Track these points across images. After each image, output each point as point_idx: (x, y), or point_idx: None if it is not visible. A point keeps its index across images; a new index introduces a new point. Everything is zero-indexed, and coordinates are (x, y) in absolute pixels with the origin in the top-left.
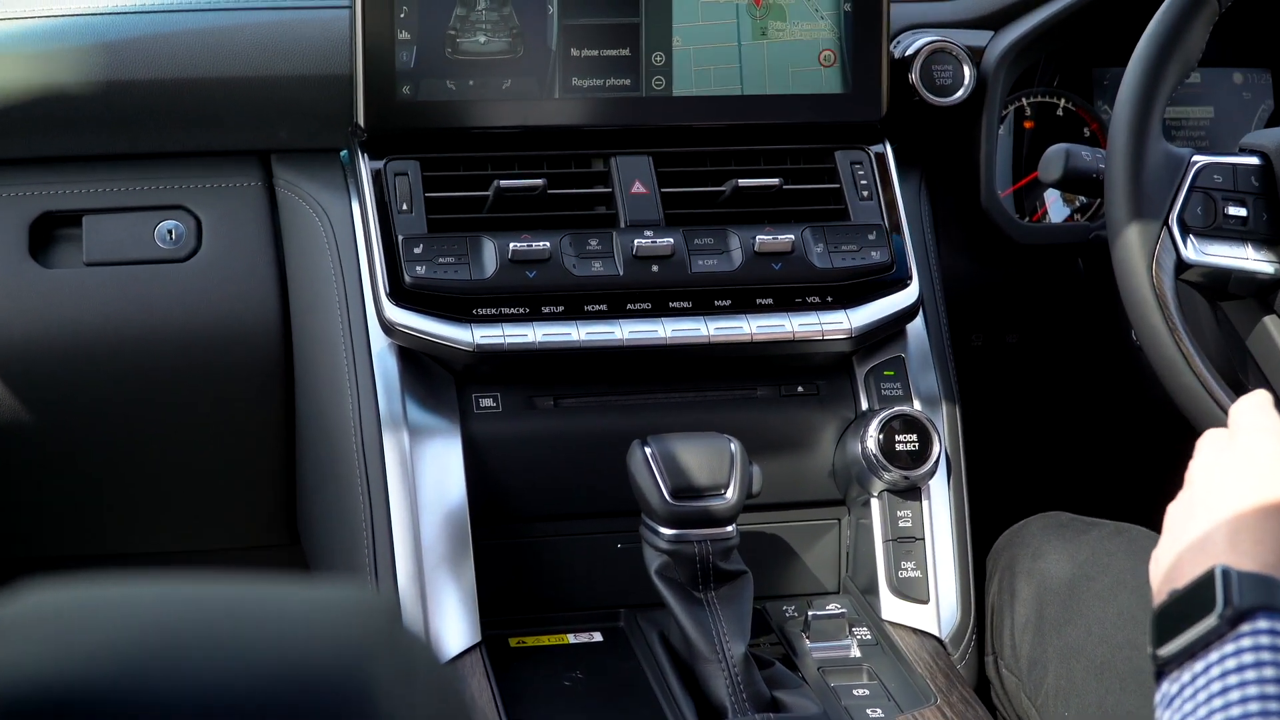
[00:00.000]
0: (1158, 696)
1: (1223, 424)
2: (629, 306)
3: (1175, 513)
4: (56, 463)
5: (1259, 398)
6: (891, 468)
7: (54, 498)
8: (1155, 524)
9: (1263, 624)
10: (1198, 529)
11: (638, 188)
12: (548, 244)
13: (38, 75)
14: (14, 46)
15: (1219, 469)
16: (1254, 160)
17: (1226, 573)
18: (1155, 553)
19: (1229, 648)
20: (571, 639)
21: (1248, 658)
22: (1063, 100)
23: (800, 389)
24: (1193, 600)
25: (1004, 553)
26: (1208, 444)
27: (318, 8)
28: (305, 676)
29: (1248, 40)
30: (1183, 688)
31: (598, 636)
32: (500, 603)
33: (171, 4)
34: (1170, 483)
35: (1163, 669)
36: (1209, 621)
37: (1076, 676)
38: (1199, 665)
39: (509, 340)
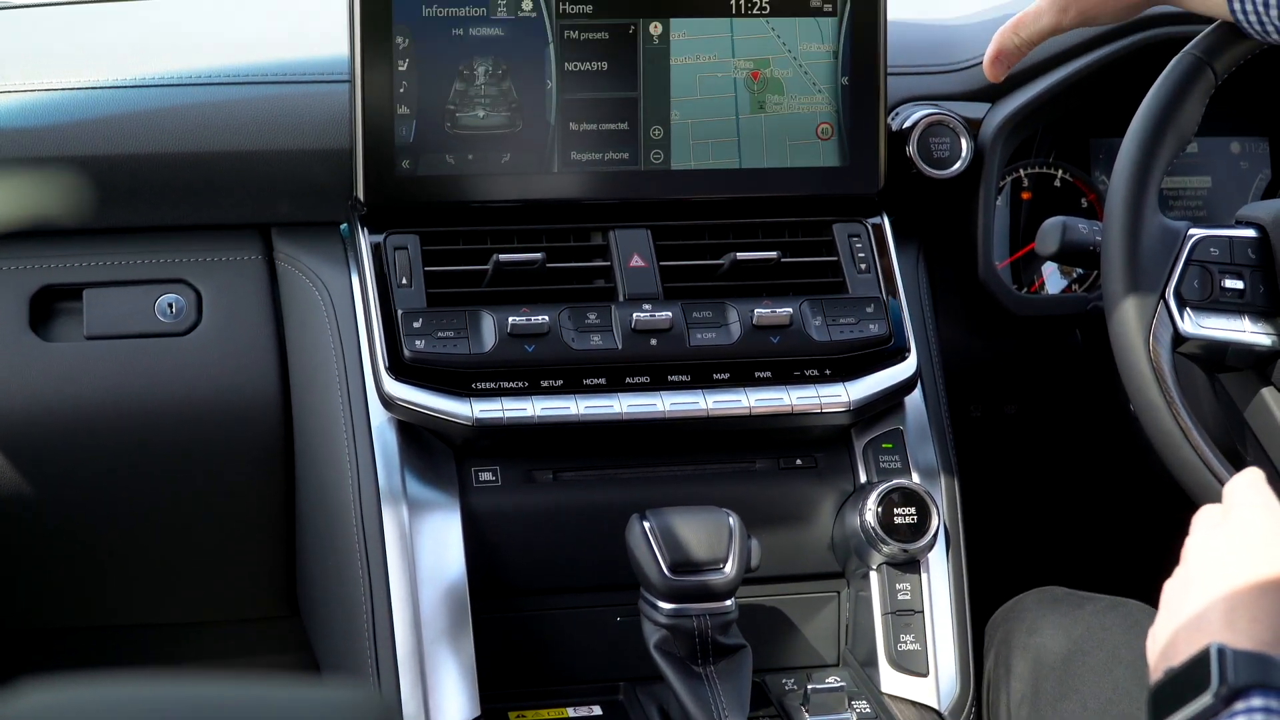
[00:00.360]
0: None
1: (1220, 498)
2: (628, 380)
3: (1171, 590)
4: (57, 535)
5: (1253, 475)
6: (890, 541)
7: (54, 570)
8: (1153, 598)
9: (1257, 701)
10: (1194, 606)
11: (636, 261)
12: (547, 318)
13: (37, 149)
14: (14, 120)
15: (1215, 546)
16: (1250, 233)
17: (1222, 651)
18: (1152, 630)
19: None
20: (571, 712)
21: None
22: (1060, 171)
23: (799, 462)
24: (1189, 678)
25: (999, 627)
26: (1203, 521)
27: (318, 82)
28: None
29: (1245, 109)
30: None
31: (597, 710)
32: (500, 676)
33: (171, 78)
34: (1168, 556)
35: None
36: (1204, 700)
37: None
38: None
39: (508, 414)
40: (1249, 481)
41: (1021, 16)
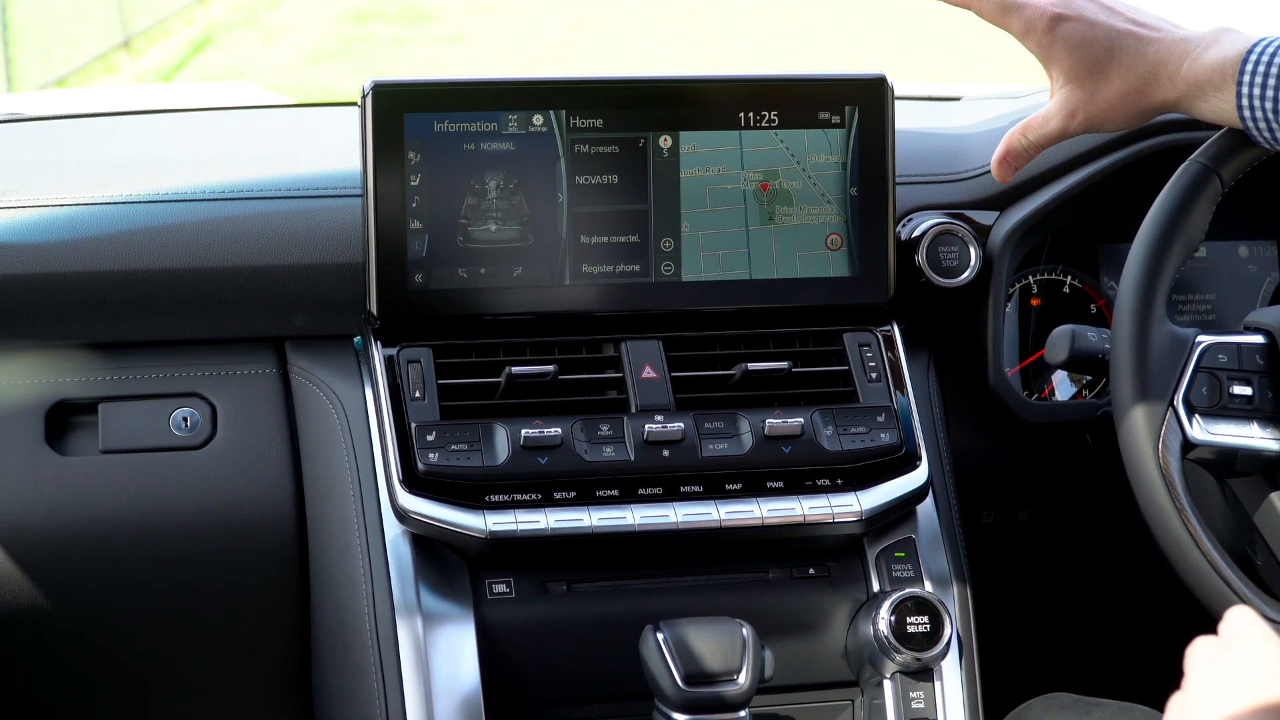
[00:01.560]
0: None
1: (1231, 603)
2: (640, 491)
3: (1175, 708)
4: (71, 647)
5: (1248, 610)
6: (904, 649)
7: (69, 682)
8: (1161, 704)
9: None
10: None
11: (648, 372)
12: (559, 430)
13: (52, 264)
14: (26, 235)
15: (1218, 676)
16: (1258, 339)
17: None
18: None
19: None
20: None
21: None
22: (1069, 278)
23: (812, 571)
24: None
25: None
26: (1200, 654)
27: (331, 196)
28: None
29: (1252, 212)
30: None
31: None
32: None
33: (185, 194)
34: (1177, 662)
35: None
36: None
37: None
38: None
39: (521, 527)
40: (1246, 615)
41: (1030, 120)
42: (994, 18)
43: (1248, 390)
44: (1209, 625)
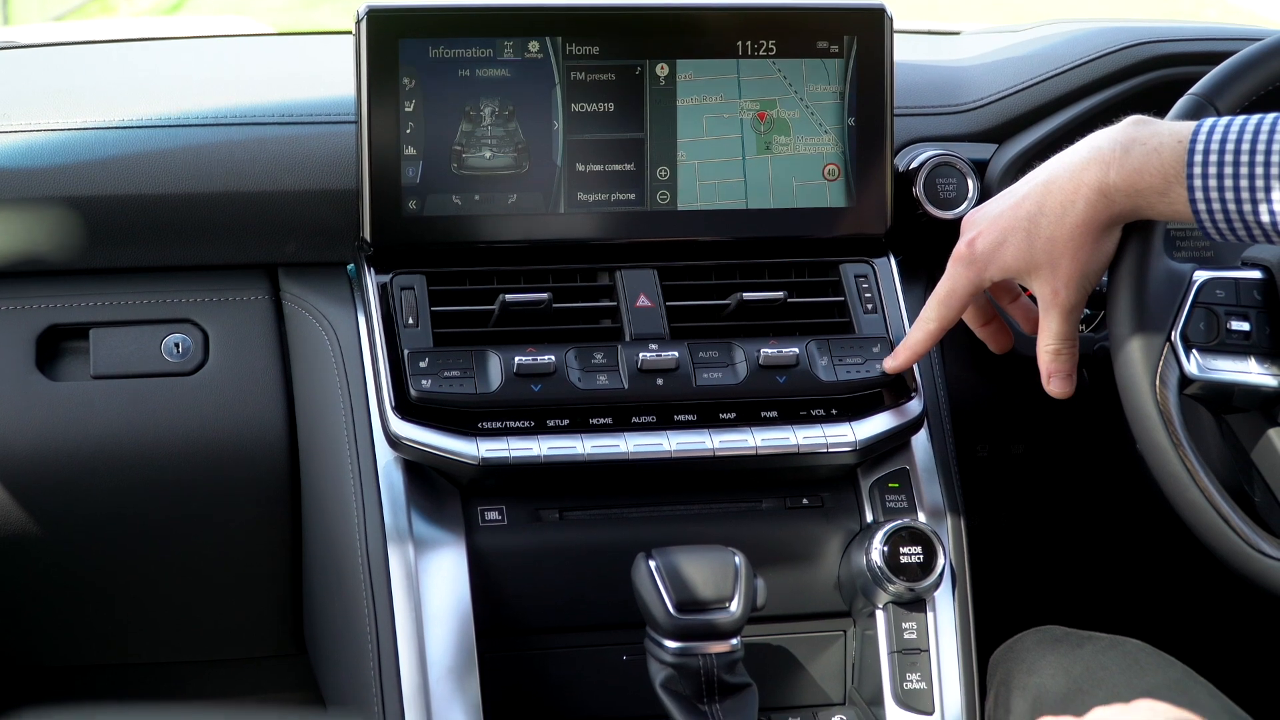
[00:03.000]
0: None
1: (1229, 540)
2: (634, 420)
3: None
4: (62, 574)
5: None
6: (896, 580)
7: (61, 608)
8: (1154, 637)
9: None
10: None
11: (643, 301)
12: (553, 358)
13: (46, 189)
14: (19, 160)
15: None
16: (1256, 274)
17: None
18: None
19: None
20: None
21: None
22: None
23: (805, 501)
24: None
25: (999, 667)
26: None
27: (325, 123)
28: None
29: None
30: None
31: None
32: (506, 715)
33: (178, 119)
34: (1170, 596)
35: None
36: None
37: None
38: None
39: (514, 454)
40: None
41: (1039, 338)
42: (948, 310)
43: (1245, 326)
44: (1202, 561)
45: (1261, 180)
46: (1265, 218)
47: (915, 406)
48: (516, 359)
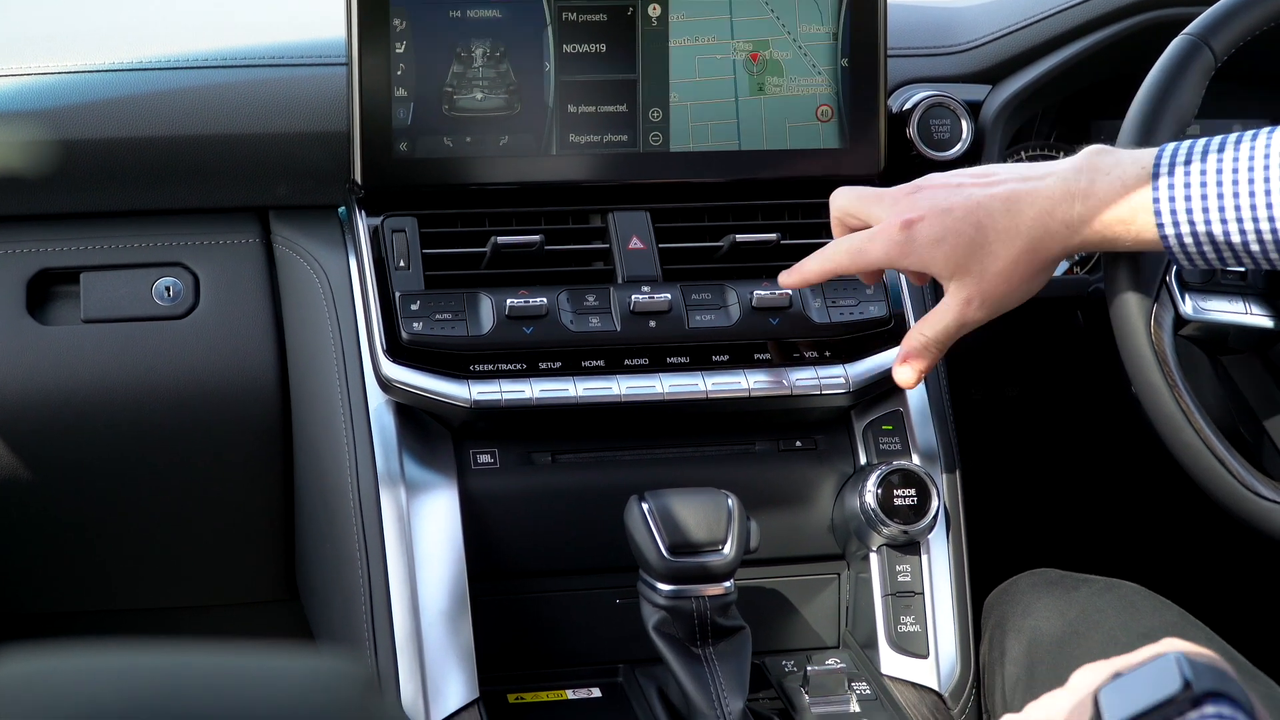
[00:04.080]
0: None
1: (1224, 481)
2: (626, 362)
3: None
4: (53, 519)
5: None
6: (890, 522)
7: (52, 554)
8: (1148, 580)
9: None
10: None
11: (635, 243)
12: (545, 300)
13: (35, 132)
14: (9, 104)
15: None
16: None
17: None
18: None
19: None
20: (570, 695)
21: None
22: (1061, 153)
23: (798, 444)
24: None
25: (994, 610)
26: None
27: (315, 65)
28: None
29: (1247, 92)
30: None
31: (596, 692)
32: (498, 658)
33: (168, 61)
34: (1165, 538)
35: None
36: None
37: None
38: None
39: (506, 396)
40: None
41: (927, 316)
42: (857, 265)
43: (1240, 266)
44: (1198, 504)
45: (1230, 200)
46: (1236, 239)
47: None
48: (508, 301)
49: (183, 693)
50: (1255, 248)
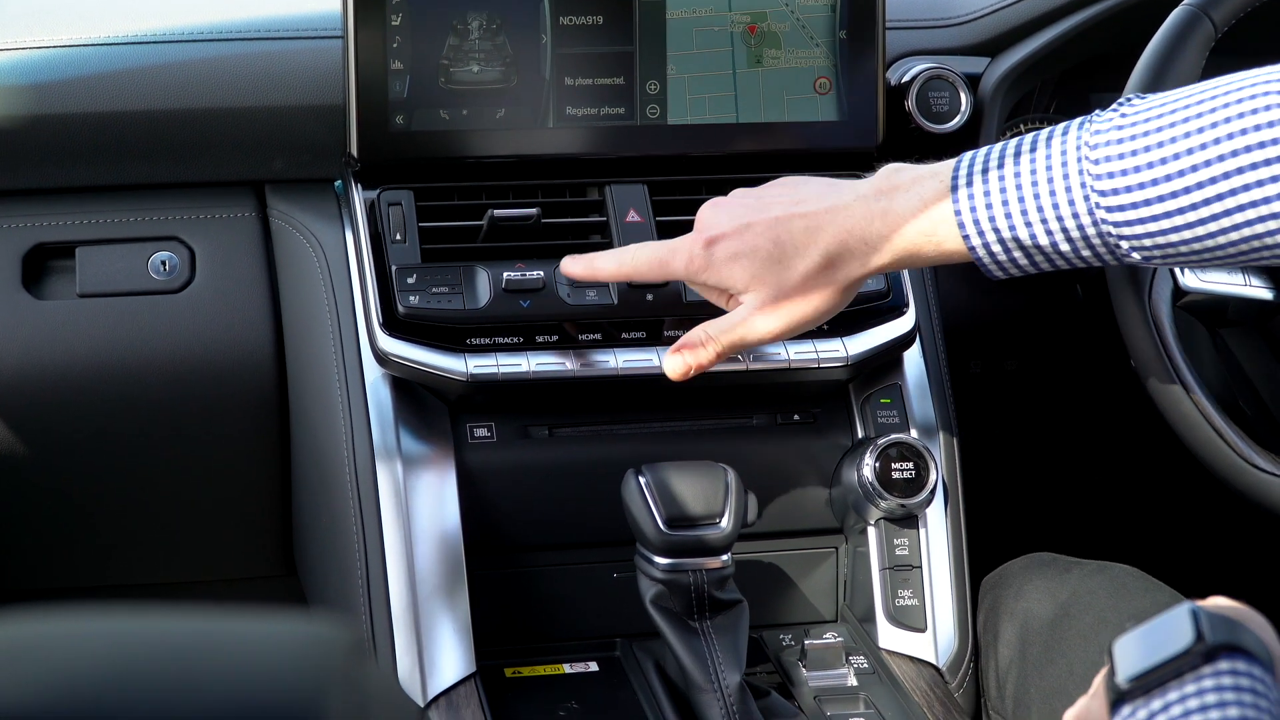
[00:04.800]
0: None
1: (1223, 454)
2: (623, 335)
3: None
4: (49, 495)
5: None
6: (888, 496)
7: (48, 529)
8: (1142, 561)
9: (1224, 665)
10: None
11: (632, 216)
12: (541, 273)
13: (29, 107)
14: (4, 78)
15: None
16: None
17: (1196, 611)
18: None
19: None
20: (567, 669)
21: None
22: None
23: (796, 417)
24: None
25: (988, 593)
26: None
27: (310, 38)
28: (259, 709)
29: (1247, 65)
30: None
31: (593, 666)
32: (495, 633)
33: (163, 35)
34: (1163, 515)
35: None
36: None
37: (1059, 717)
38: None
39: (503, 370)
40: None
41: (718, 319)
42: (658, 275)
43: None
44: (1196, 479)
45: (1032, 202)
46: (1044, 240)
47: (908, 321)
48: (505, 274)
49: (164, 656)
50: (1065, 247)
